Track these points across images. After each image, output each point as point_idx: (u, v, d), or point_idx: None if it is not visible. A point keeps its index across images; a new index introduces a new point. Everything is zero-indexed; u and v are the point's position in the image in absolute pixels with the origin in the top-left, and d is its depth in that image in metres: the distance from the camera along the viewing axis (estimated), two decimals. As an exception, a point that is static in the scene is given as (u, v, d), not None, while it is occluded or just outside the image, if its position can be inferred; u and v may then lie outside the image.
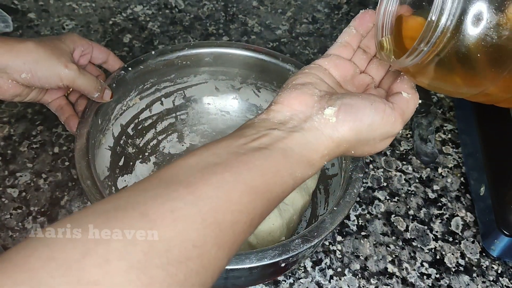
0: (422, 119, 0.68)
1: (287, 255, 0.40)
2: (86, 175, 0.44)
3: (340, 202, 0.44)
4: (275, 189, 0.29)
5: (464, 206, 0.60)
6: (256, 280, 0.48)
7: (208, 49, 0.57)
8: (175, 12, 0.82)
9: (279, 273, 0.49)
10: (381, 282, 0.52)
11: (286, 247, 0.40)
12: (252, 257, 0.40)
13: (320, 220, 0.43)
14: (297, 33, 0.80)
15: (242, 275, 0.44)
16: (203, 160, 0.28)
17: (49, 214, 0.54)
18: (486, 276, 0.53)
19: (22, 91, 0.47)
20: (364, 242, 0.55)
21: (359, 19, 0.39)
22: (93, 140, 0.48)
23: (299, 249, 0.40)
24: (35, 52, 0.45)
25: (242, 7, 0.84)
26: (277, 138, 0.31)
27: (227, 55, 0.58)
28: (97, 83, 0.49)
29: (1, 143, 0.60)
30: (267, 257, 0.40)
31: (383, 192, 0.60)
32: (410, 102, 0.35)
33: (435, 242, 0.56)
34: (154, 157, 0.59)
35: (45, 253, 0.22)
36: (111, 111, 0.53)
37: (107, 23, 0.78)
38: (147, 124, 0.58)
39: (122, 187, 0.54)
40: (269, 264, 0.40)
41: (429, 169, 0.63)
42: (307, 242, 0.41)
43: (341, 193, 0.46)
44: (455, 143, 0.67)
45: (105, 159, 0.52)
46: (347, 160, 0.49)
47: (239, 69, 0.59)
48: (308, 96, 0.34)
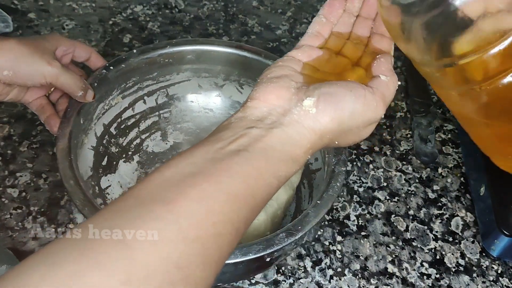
0: (422, 119, 0.68)
1: (272, 249, 0.40)
2: (69, 175, 0.44)
3: (323, 196, 0.45)
4: (259, 193, 0.28)
5: (464, 206, 0.60)
6: (242, 275, 0.49)
7: (190, 47, 0.57)
8: (175, 12, 0.82)
9: (264, 268, 0.50)
10: (381, 282, 0.52)
11: (270, 241, 0.41)
12: (237, 252, 0.40)
13: (304, 214, 0.43)
14: (297, 33, 0.80)
15: (227, 271, 0.44)
16: (179, 172, 0.26)
17: (49, 214, 0.54)
18: (486, 276, 0.53)
19: (2, 89, 0.46)
20: (364, 242, 0.55)
21: (328, 6, 0.38)
22: (75, 140, 0.48)
23: (283, 243, 0.41)
24: (17, 50, 0.44)
25: (242, 7, 0.84)
26: (256, 138, 0.29)
27: (209, 53, 0.58)
28: (81, 81, 0.48)
29: (1, 143, 0.60)
30: (251, 251, 0.40)
31: (383, 192, 0.60)
32: (390, 84, 0.34)
33: (435, 242, 0.56)
34: (137, 156, 0.59)
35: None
36: (93, 111, 0.52)
37: (107, 23, 0.78)
38: (130, 123, 0.58)
39: (106, 186, 0.54)
40: (254, 259, 0.40)
41: (429, 169, 0.63)
42: (291, 236, 0.41)
43: (324, 187, 0.46)
44: (455, 143, 0.67)
45: (88, 159, 0.52)
46: (330, 154, 0.49)
47: (222, 66, 0.59)
48: (285, 89, 0.32)
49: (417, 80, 0.74)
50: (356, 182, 0.61)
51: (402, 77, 0.75)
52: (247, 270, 0.47)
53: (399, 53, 0.79)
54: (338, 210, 0.58)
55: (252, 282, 0.51)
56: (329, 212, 0.58)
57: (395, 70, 0.36)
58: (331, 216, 0.57)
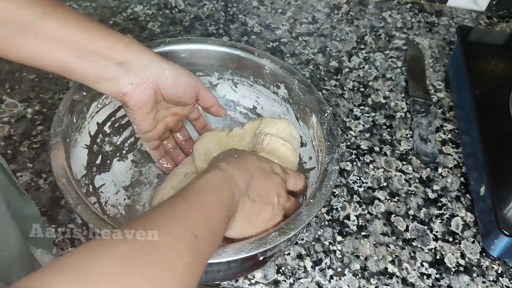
0: (422, 119, 0.68)
1: (264, 248, 0.41)
2: (62, 173, 0.44)
3: (316, 195, 0.45)
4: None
5: (464, 206, 0.60)
6: (236, 274, 0.49)
7: (183, 46, 0.58)
8: (175, 12, 0.82)
9: (257, 266, 0.50)
10: (381, 282, 0.52)
11: (263, 240, 0.41)
12: (229, 250, 0.40)
13: (297, 213, 0.44)
14: (297, 33, 0.80)
15: (220, 269, 0.44)
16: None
17: (50, 214, 0.54)
18: (486, 276, 0.53)
19: (165, 107, 0.51)
20: (364, 242, 0.55)
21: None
22: (68, 138, 0.48)
23: (276, 242, 0.41)
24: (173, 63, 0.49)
25: (242, 7, 0.84)
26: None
27: (203, 52, 0.58)
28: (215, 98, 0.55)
29: (1, 143, 0.60)
30: (244, 250, 0.40)
31: (383, 192, 0.60)
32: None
33: (435, 242, 0.56)
34: (131, 155, 0.59)
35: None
36: (86, 109, 0.52)
37: (107, 23, 0.78)
38: (124, 121, 0.58)
39: (100, 185, 0.54)
40: (247, 258, 0.41)
41: (429, 169, 0.63)
42: (283, 234, 0.42)
43: (317, 185, 0.47)
44: (455, 143, 0.67)
45: (82, 158, 0.52)
46: (323, 152, 0.50)
47: (216, 65, 0.60)
48: None
49: (417, 80, 0.74)
50: (356, 182, 0.61)
51: (402, 77, 0.75)
52: (240, 268, 0.47)
53: (399, 53, 0.79)
54: (338, 210, 0.58)
55: (252, 282, 0.51)
56: (329, 212, 0.58)
57: (395, 70, 0.36)
58: (331, 216, 0.57)
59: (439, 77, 0.76)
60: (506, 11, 0.87)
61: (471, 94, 0.63)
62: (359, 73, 0.75)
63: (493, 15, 0.87)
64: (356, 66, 0.76)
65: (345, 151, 0.64)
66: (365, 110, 0.70)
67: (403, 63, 0.77)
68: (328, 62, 0.76)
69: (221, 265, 0.43)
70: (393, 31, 0.83)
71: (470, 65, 0.67)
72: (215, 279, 0.48)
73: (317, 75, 0.74)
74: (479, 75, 0.67)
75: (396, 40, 0.81)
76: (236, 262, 0.42)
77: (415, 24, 0.84)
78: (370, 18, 0.85)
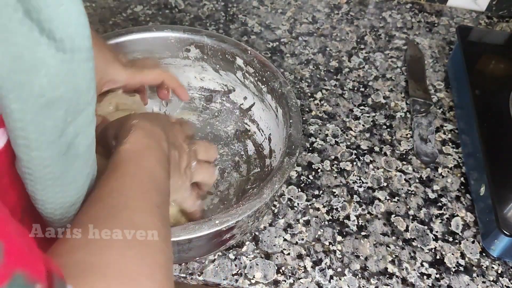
0: (422, 119, 0.68)
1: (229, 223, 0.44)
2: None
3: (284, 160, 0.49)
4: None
5: (464, 206, 0.60)
6: (209, 250, 0.51)
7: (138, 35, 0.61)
8: (175, 12, 0.82)
9: (225, 242, 0.51)
10: (381, 282, 0.52)
11: (229, 209, 0.45)
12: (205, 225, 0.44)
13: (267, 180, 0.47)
14: (297, 33, 0.80)
15: (192, 246, 0.47)
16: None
17: (49, 214, 0.54)
18: (486, 276, 0.53)
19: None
20: (364, 242, 0.55)
21: None
22: None
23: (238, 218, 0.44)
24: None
25: (242, 7, 0.84)
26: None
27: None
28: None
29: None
30: (217, 220, 0.44)
31: (383, 192, 0.60)
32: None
33: (435, 242, 0.56)
34: None
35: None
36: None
37: (107, 23, 0.78)
38: None
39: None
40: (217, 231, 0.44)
41: (429, 169, 0.63)
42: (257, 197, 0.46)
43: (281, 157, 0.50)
44: (455, 143, 0.67)
45: None
46: (266, 80, 0.55)
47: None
48: None
49: (417, 80, 0.74)
50: (356, 182, 0.61)
51: (402, 77, 0.75)
52: (211, 246, 0.50)
53: (399, 53, 0.79)
54: (338, 210, 0.58)
55: (252, 282, 0.51)
56: (329, 212, 0.58)
57: (395, 70, 0.36)
58: (331, 216, 0.57)
59: (439, 77, 0.76)
60: (506, 11, 0.87)
61: (471, 94, 0.63)
62: (359, 73, 0.75)
63: (493, 15, 0.87)
64: (356, 66, 0.76)
65: (345, 151, 0.64)
66: (365, 110, 0.70)
67: (403, 63, 0.77)
68: (328, 62, 0.76)
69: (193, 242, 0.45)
70: (393, 31, 0.83)
71: (470, 65, 0.67)
72: (189, 258, 0.50)
73: (317, 75, 0.74)
74: (479, 75, 0.67)
75: (396, 40, 0.81)
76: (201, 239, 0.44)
77: (415, 24, 0.84)
78: (370, 18, 0.85)
